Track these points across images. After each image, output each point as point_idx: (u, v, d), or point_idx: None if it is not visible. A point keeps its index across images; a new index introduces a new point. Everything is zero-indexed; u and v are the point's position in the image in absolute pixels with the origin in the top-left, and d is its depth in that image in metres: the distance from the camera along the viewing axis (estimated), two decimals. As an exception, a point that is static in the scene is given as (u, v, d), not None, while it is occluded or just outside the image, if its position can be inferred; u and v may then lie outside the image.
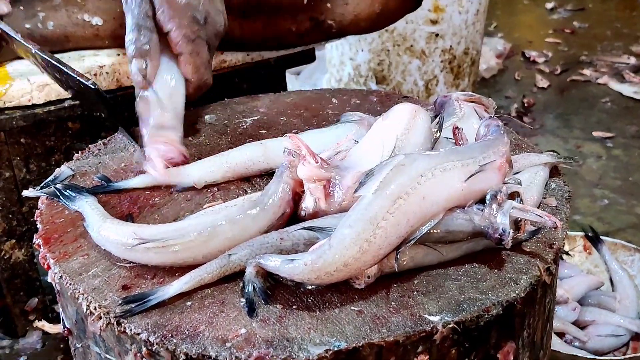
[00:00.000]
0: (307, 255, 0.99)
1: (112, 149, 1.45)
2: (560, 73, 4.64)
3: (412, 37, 3.45)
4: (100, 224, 1.14)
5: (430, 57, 3.52)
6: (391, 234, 1.01)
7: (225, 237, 1.07)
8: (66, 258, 1.13)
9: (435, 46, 3.49)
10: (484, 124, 1.22)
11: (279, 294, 1.04)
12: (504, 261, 1.11)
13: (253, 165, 1.28)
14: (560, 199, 1.28)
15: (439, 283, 1.06)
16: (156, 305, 1.02)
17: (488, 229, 1.07)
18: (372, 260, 1.00)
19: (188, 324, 0.99)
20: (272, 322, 0.99)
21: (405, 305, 1.02)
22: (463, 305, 1.02)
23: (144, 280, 1.07)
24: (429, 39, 3.47)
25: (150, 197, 1.27)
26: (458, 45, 3.54)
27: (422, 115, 1.20)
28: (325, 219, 1.08)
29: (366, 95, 1.65)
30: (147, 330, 0.98)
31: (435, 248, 1.08)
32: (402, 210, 1.01)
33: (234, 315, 1.00)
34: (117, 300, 1.03)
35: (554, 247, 1.15)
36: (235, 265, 1.05)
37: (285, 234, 1.07)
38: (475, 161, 1.10)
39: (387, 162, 1.05)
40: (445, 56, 3.54)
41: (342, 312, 1.01)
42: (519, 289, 1.06)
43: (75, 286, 1.07)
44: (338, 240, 0.99)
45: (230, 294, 1.04)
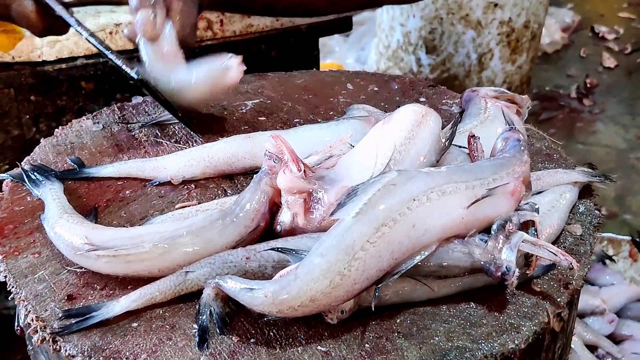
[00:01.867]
0: (269, 285, 0.85)
1: (96, 126, 1.32)
2: (631, 52, 4.33)
3: (469, 6, 3.22)
4: (56, 219, 1.02)
5: (486, 28, 3.28)
6: (370, 266, 0.86)
7: (185, 251, 0.94)
8: (15, 255, 1.02)
9: (492, 17, 3.26)
10: (503, 137, 1.04)
11: (238, 322, 0.91)
12: (507, 302, 0.95)
13: (237, 161, 1.14)
14: (588, 227, 1.10)
15: (425, 324, 0.91)
16: (99, 322, 0.90)
17: (490, 265, 0.91)
18: (344, 295, 0.86)
19: (129, 351, 0.87)
20: (222, 357, 0.86)
21: (380, 350, 0.87)
22: (449, 355, 0.87)
23: (92, 291, 0.95)
24: (486, 9, 3.24)
25: (121, 189, 1.14)
26: (518, 17, 3.30)
27: (430, 121, 1.03)
28: (300, 240, 0.94)
29: (387, 82, 1.48)
30: (83, 354, 0.87)
31: (425, 283, 0.93)
32: (385, 239, 0.86)
33: (182, 344, 0.88)
34: (57, 313, 0.92)
35: (570, 287, 0.98)
36: (192, 285, 0.92)
37: (252, 252, 0.93)
38: (484, 183, 0.94)
39: (375, 180, 0.89)
40: (503, 28, 3.30)
41: (306, 351, 0.87)
42: (519, 338, 0.90)
43: (17, 290, 0.96)
44: (306, 271, 0.84)
45: (183, 318, 0.91)
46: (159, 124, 1.30)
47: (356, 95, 1.42)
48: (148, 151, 1.23)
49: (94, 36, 1.35)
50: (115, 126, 1.31)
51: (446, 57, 3.36)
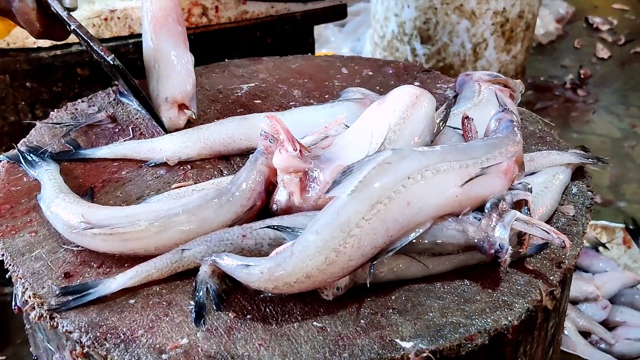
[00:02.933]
0: (265, 262, 0.86)
1: (91, 109, 1.32)
2: (624, 44, 4.34)
3: (463, -4, 3.23)
4: (52, 199, 1.02)
5: (480, 18, 3.29)
6: (365, 243, 0.86)
7: (180, 229, 0.94)
8: (12, 234, 1.02)
9: (487, 7, 3.27)
10: (495, 118, 1.05)
11: (234, 299, 0.92)
12: (500, 280, 0.96)
13: (233, 142, 1.14)
14: (580, 208, 1.11)
15: (419, 301, 0.92)
16: (96, 299, 0.91)
17: (483, 242, 0.92)
18: (340, 272, 0.87)
19: (126, 327, 0.88)
20: (219, 333, 0.87)
21: (376, 325, 0.88)
22: (443, 330, 0.88)
23: (88, 269, 0.96)
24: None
25: (117, 170, 1.14)
26: (512, 7, 3.31)
27: (424, 101, 1.04)
28: (296, 218, 0.95)
29: (381, 66, 1.49)
30: (80, 330, 0.87)
31: (419, 260, 0.94)
32: (380, 217, 0.87)
33: (178, 320, 0.88)
34: (54, 290, 0.92)
35: (562, 266, 0.99)
36: (189, 262, 0.93)
37: (248, 230, 0.94)
38: (478, 162, 0.95)
39: (370, 159, 0.90)
40: (497, 18, 3.31)
41: (302, 327, 0.88)
42: (512, 315, 0.91)
43: (14, 268, 0.97)
44: (301, 248, 0.85)
45: (180, 294, 0.92)
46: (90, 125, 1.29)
47: (351, 80, 1.42)
48: (143, 133, 1.23)
49: (80, 27, 1.33)
50: (111, 108, 1.31)
51: (441, 46, 3.36)
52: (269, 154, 0.98)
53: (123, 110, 1.32)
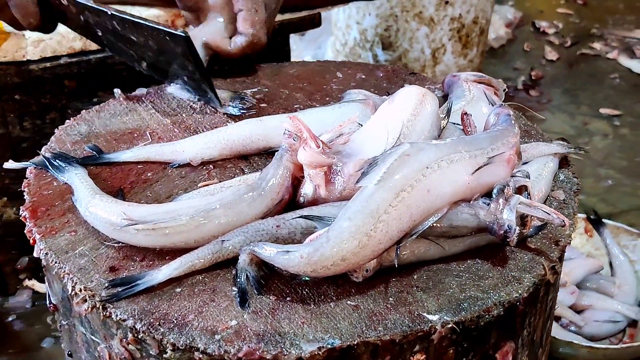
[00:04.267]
0: (304, 248, 0.95)
1: (106, 116, 1.39)
2: (570, 46, 4.54)
3: (422, 4, 3.36)
4: (89, 200, 1.09)
5: (438, 24, 3.43)
6: (393, 228, 0.96)
7: (218, 222, 1.02)
8: (52, 234, 1.08)
9: (444, 13, 3.41)
10: (494, 113, 1.16)
11: (272, 284, 1.00)
12: (508, 258, 1.07)
13: (251, 143, 1.23)
14: (569, 193, 1.23)
15: (439, 279, 1.02)
16: (144, 290, 0.98)
17: (493, 224, 1.03)
18: (371, 254, 0.96)
19: (177, 312, 0.95)
20: (264, 314, 0.95)
21: (403, 302, 0.98)
22: (463, 304, 0.98)
23: (132, 262, 1.03)
24: (438, 6, 3.38)
25: (143, 172, 1.21)
26: (467, 13, 3.46)
27: (429, 99, 1.14)
28: (324, 208, 1.03)
29: (372, 70, 1.59)
30: (134, 317, 0.94)
31: (437, 242, 1.04)
32: (405, 203, 0.96)
33: (224, 305, 0.96)
34: (103, 283, 0.99)
35: (560, 244, 1.10)
36: (228, 252, 1.01)
37: (282, 221, 1.02)
38: (484, 153, 1.05)
39: (391, 152, 1.00)
40: (454, 24, 3.46)
41: (338, 306, 0.97)
42: (521, 288, 1.01)
43: (60, 265, 1.03)
44: (336, 234, 0.94)
45: (222, 282, 1.00)
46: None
47: (347, 83, 1.52)
48: (162, 137, 1.31)
49: (118, 12, 1.40)
50: (125, 116, 1.38)
51: (402, 53, 3.49)
52: (293, 151, 1.07)
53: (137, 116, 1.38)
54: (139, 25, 1.36)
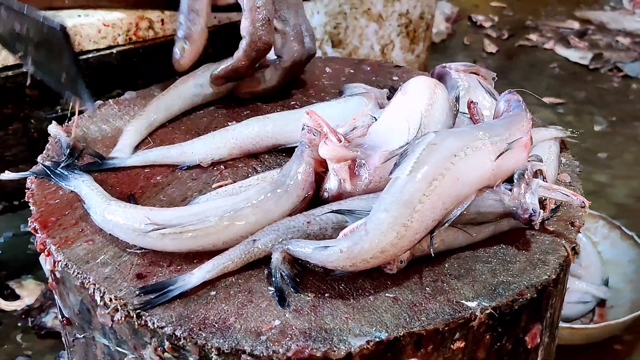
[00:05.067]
0: (343, 242, 0.94)
1: (99, 122, 1.35)
2: (508, 38, 4.66)
3: (370, 0, 3.38)
4: (105, 207, 1.05)
5: (387, 20, 3.46)
6: (427, 217, 0.96)
7: (247, 222, 1.00)
8: (68, 244, 1.04)
9: (392, 9, 3.44)
10: (504, 99, 1.18)
11: (308, 282, 0.99)
12: (530, 242, 1.08)
13: (261, 141, 1.21)
14: (572, 175, 1.25)
15: (470, 266, 1.03)
16: (177, 295, 0.95)
17: (517, 209, 1.04)
18: (408, 245, 0.96)
19: (216, 316, 0.93)
20: (305, 312, 0.94)
21: (440, 291, 0.98)
22: (498, 289, 0.98)
23: (159, 268, 1.00)
24: (386, 2, 3.41)
25: (151, 176, 1.18)
26: (414, 9, 3.50)
27: (441, 89, 1.15)
28: (352, 201, 1.02)
29: (358, 64, 1.59)
30: (172, 324, 0.92)
31: (465, 230, 1.04)
32: (437, 192, 0.97)
33: (264, 305, 0.95)
34: (133, 291, 0.96)
35: (575, 225, 1.13)
36: (260, 252, 0.99)
37: (312, 217, 1.01)
38: (503, 139, 1.06)
39: (418, 141, 1.00)
40: (402, 20, 3.49)
41: (377, 299, 0.96)
42: (549, 270, 1.03)
43: (84, 275, 0.99)
44: (374, 226, 0.93)
45: (256, 283, 0.98)
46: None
47: (337, 77, 1.51)
48: (163, 140, 1.27)
49: None
50: (120, 120, 1.34)
51: (352, 50, 3.50)
52: (313, 147, 1.06)
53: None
54: (20, 14, 1.27)
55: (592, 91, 3.95)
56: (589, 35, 4.69)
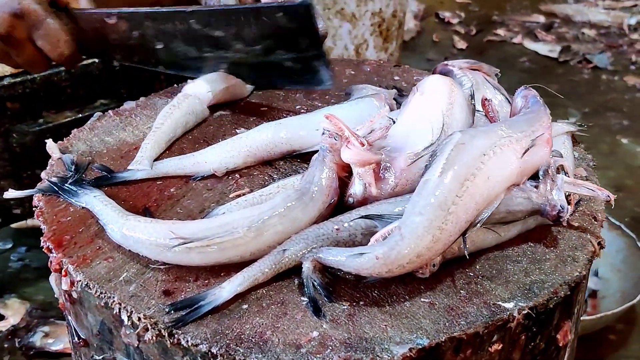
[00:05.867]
0: (378, 248, 0.92)
1: (101, 134, 1.30)
2: (476, 34, 4.69)
3: (343, 0, 3.37)
4: (123, 222, 1.01)
5: (360, 20, 3.45)
6: (461, 218, 0.94)
7: (274, 231, 0.97)
8: (87, 263, 1.00)
9: (365, 9, 3.43)
10: (521, 96, 1.16)
11: (340, 290, 0.96)
12: (557, 238, 1.07)
13: (275, 147, 1.18)
14: (587, 168, 1.25)
15: (501, 266, 1.01)
16: (209, 311, 0.92)
17: (546, 206, 1.03)
18: (443, 248, 0.94)
19: (251, 330, 0.90)
20: (342, 321, 0.91)
21: (475, 293, 0.96)
22: (532, 288, 0.97)
23: (186, 284, 0.96)
24: (359, 2, 3.39)
25: (164, 188, 1.14)
26: (387, 7, 3.49)
27: (457, 87, 1.14)
28: (380, 206, 1.00)
29: (358, 65, 1.57)
30: (207, 341, 0.88)
31: (493, 229, 1.03)
32: (469, 192, 0.95)
33: (299, 316, 0.92)
34: (162, 309, 0.92)
35: (598, 219, 1.12)
36: (290, 261, 0.96)
37: (340, 224, 0.98)
38: (527, 135, 1.05)
39: (446, 141, 0.98)
40: (375, 19, 3.48)
41: (414, 305, 0.94)
42: (579, 267, 1.02)
43: (108, 294, 0.95)
44: (410, 230, 0.91)
45: (288, 293, 0.95)
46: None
47: (339, 79, 1.49)
48: (171, 150, 1.24)
49: None
50: (122, 131, 1.30)
51: (325, 50, 3.47)
52: (335, 151, 1.03)
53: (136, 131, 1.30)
54: (232, 13, 1.25)
55: (564, 84, 4.00)
56: (555, 28, 4.74)
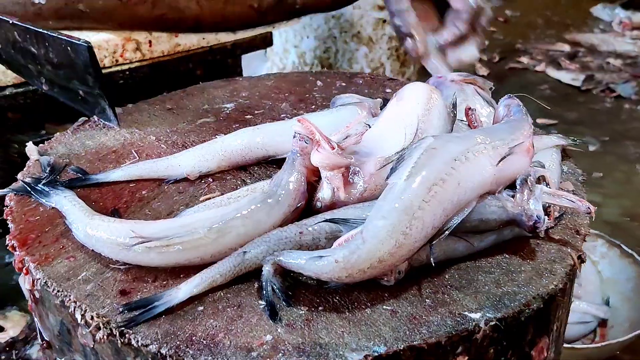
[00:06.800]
0: (338, 252, 0.89)
1: (83, 137, 1.30)
2: (499, 61, 4.65)
3: (360, 23, 3.36)
4: (87, 221, 1.00)
5: (377, 44, 3.44)
6: (427, 224, 0.91)
7: (237, 233, 0.95)
8: (49, 261, 0.99)
9: (382, 32, 3.42)
10: (504, 104, 1.14)
11: (300, 295, 0.93)
12: (535, 251, 1.03)
13: (250, 152, 1.16)
14: (575, 183, 1.21)
15: (471, 277, 0.97)
16: (163, 312, 0.90)
17: (521, 216, 0.99)
18: (407, 254, 0.90)
19: (204, 332, 0.87)
20: (299, 326, 0.88)
21: (441, 303, 0.92)
22: (503, 300, 0.93)
23: (144, 284, 0.94)
24: (376, 25, 3.38)
25: (136, 191, 1.13)
26: (405, 32, 3.47)
27: (437, 95, 1.11)
28: (346, 210, 0.97)
29: (350, 78, 1.55)
30: (158, 341, 0.86)
31: (465, 239, 0.99)
32: (437, 198, 0.92)
33: (254, 320, 0.89)
34: (116, 308, 0.90)
35: (581, 233, 1.08)
36: (251, 264, 0.94)
37: (304, 227, 0.96)
38: (505, 143, 1.02)
39: (416, 146, 0.95)
40: (392, 43, 3.46)
41: (375, 312, 0.91)
42: (556, 280, 0.98)
43: (64, 293, 0.93)
44: (372, 234, 0.88)
45: (246, 297, 0.93)
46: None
47: (328, 91, 1.47)
48: (149, 154, 1.22)
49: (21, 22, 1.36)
50: (104, 136, 1.29)
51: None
52: (305, 155, 1.01)
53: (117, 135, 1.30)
54: (39, 35, 1.31)
55: (583, 112, 3.93)
56: (580, 57, 4.69)
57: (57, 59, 1.31)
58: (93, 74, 1.26)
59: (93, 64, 1.25)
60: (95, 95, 1.29)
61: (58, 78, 1.35)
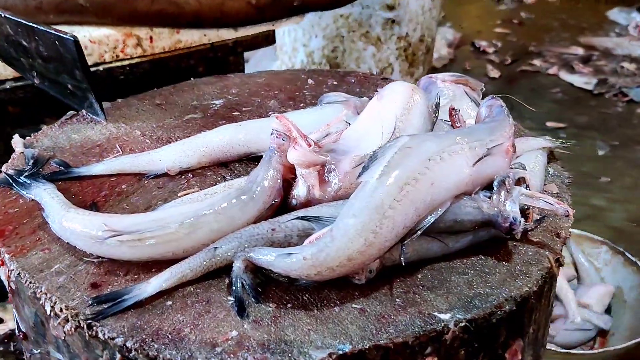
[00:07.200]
0: (307, 249, 0.88)
1: (69, 131, 1.30)
2: (511, 63, 4.62)
3: (368, 23, 3.35)
4: (63, 214, 1.00)
5: (385, 44, 3.43)
6: (398, 224, 0.90)
7: (210, 229, 0.95)
8: (24, 253, 0.99)
9: (391, 33, 3.41)
10: (486, 105, 1.13)
11: (270, 291, 0.93)
12: (512, 252, 1.02)
13: (231, 149, 1.16)
14: (561, 186, 1.20)
15: (444, 277, 0.97)
16: (132, 305, 0.90)
17: (497, 217, 0.98)
18: (377, 253, 0.90)
19: (170, 327, 0.87)
20: (266, 323, 0.88)
21: (411, 302, 0.92)
22: (474, 301, 0.92)
23: (115, 278, 0.95)
24: (385, 25, 3.37)
25: (116, 185, 1.13)
26: (414, 32, 3.46)
27: (419, 94, 1.10)
28: (320, 208, 0.97)
29: (343, 77, 1.55)
30: (124, 335, 0.86)
31: (440, 239, 0.99)
32: (410, 197, 0.91)
33: (222, 315, 0.89)
34: (86, 301, 0.91)
35: (561, 236, 1.07)
36: (222, 260, 0.94)
37: (277, 224, 0.96)
38: (483, 144, 1.01)
39: (390, 144, 0.95)
40: (401, 43, 3.45)
41: (343, 310, 0.90)
42: (531, 282, 0.97)
43: (36, 284, 0.94)
44: (342, 232, 0.88)
45: (216, 292, 0.93)
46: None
47: (319, 89, 1.47)
48: (133, 149, 1.23)
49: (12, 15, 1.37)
50: (90, 130, 1.30)
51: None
52: (282, 152, 1.01)
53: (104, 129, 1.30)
54: (30, 29, 1.33)
55: (594, 116, 3.90)
56: (594, 60, 4.65)
57: (47, 52, 1.32)
58: (80, 68, 1.27)
59: (80, 59, 1.25)
60: (83, 89, 1.30)
61: (48, 72, 1.36)
